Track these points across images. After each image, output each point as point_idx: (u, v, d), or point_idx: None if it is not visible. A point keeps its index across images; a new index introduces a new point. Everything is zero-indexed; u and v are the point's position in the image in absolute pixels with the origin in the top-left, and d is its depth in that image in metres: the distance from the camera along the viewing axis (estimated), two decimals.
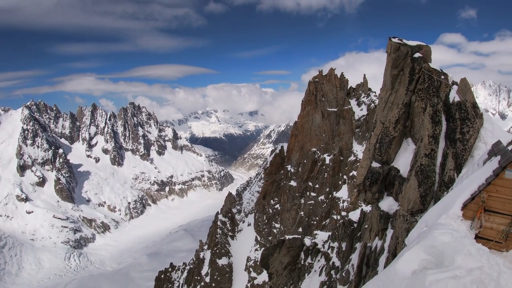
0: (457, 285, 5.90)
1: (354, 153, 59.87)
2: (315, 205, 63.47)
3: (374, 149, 15.11)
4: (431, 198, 11.71)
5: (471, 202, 8.20)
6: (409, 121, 14.41)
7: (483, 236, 8.11)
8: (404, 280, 6.81)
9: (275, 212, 72.55)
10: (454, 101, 12.55)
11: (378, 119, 15.54)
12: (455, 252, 6.98)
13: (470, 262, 6.69)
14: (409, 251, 7.49)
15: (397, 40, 15.56)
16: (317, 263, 29.62)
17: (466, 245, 7.21)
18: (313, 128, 66.71)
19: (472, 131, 11.52)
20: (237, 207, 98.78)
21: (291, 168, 70.67)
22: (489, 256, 7.18)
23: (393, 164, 14.63)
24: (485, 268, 6.58)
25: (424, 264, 6.97)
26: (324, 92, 66.31)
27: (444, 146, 11.97)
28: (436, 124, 12.31)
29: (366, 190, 15.58)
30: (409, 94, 14.49)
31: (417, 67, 14.45)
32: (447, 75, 13.99)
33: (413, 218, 11.92)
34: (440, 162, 11.92)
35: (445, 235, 7.59)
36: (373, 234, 17.21)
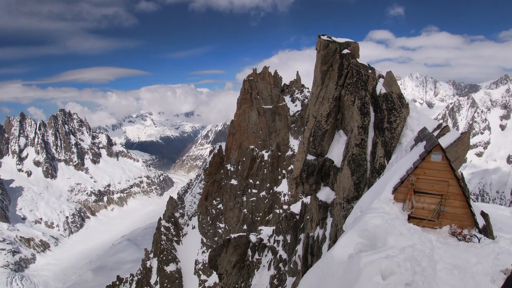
0: (391, 264, 6.17)
1: (291, 148, 61.49)
2: (257, 202, 64.19)
3: (308, 142, 15.60)
4: (365, 185, 12.35)
5: (401, 185, 8.68)
6: (340, 114, 15.08)
7: (416, 216, 8.62)
8: (341, 264, 6.93)
9: (219, 212, 72.24)
10: (381, 93, 13.31)
11: (311, 113, 16.06)
12: (387, 233, 7.30)
13: (402, 241, 7.04)
14: (343, 236, 7.71)
15: (326, 37, 16.15)
16: (265, 258, 29.86)
17: (397, 226, 7.60)
18: (250, 125, 67.38)
19: (399, 120, 12.32)
20: (180, 211, 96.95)
21: (230, 167, 70.77)
22: (420, 234, 7.64)
23: (327, 155, 15.23)
24: (417, 245, 6.95)
25: (359, 248, 7.21)
26: (259, 90, 67.27)
27: (374, 136, 12.67)
28: (364, 115, 13.00)
29: (304, 183, 16.05)
30: (338, 88, 15.13)
31: (345, 62, 15.12)
32: (374, 69, 14.81)
33: (349, 205, 12.48)
34: (370, 151, 12.61)
35: (377, 218, 7.94)
36: (314, 224, 17.74)
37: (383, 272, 6.13)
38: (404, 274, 6.08)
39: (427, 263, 6.40)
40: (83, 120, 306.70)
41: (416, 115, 12.41)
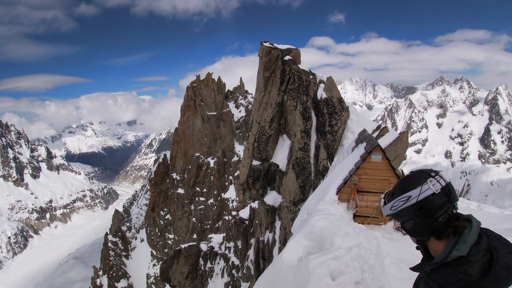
0: (339, 264, 6.29)
1: (236, 154, 61.49)
2: (205, 209, 63.36)
3: (253, 148, 15.66)
4: (310, 187, 12.62)
5: (344, 186, 8.97)
6: (283, 119, 15.33)
7: (361, 214, 8.93)
8: (291, 268, 6.96)
9: (167, 222, 70.27)
10: (322, 98, 13.72)
11: (254, 119, 16.16)
12: (333, 234, 7.46)
13: (348, 241, 7.22)
14: (291, 240, 7.79)
15: (268, 44, 16.38)
16: (218, 266, 29.56)
17: (343, 226, 7.79)
18: (195, 133, 66.54)
19: (339, 123, 12.76)
20: (126, 224, 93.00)
21: (176, 176, 69.25)
22: (366, 232, 7.89)
23: (272, 160, 15.40)
24: (363, 244, 7.15)
25: (307, 250, 7.30)
26: (202, 96, 66.67)
27: (316, 139, 13.01)
28: (306, 119, 13.32)
29: (251, 188, 16.08)
30: (281, 94, 15.38)
31: (287, 68, 15.42)
32: (315, 75, 15.26)
33: (296, 208, 12.69)
34: (313, 154, 12.93)
35: (322, 220, 8.09)
36: (264, 228, 17.81)
37: (332, 273, 6.20)
38: (353, 273, 6.18)
39: (375, 260, 6.58)
40: (21, 132, 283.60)
41: (356, 118, 12.94)
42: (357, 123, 12.66)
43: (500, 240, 1.90)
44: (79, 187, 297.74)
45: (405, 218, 2.07)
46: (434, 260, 1.92)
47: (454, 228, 1.93)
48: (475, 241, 1.86)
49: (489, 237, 1.90)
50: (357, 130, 11.72)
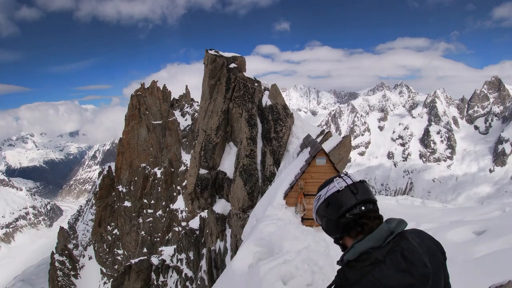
0: (289, 268, 6.40)
1: (183, 163, 60.57)
2: (154, 222, 61.63)
3: (199, 156, 15.56)
4: (258, 193, 12.76)
5: (291, 190, 9.17)
6: (229, 126, 15.39)
7: (309, 217, 9.17)
8: (242, 276, 6.96)
9: (115, 238, 67.36)
10: (267, 105, 13.97)
11: (200, 127, 16.08)
12: (282, 239, 7.56)
13: (297, 244, 7.35)
14: (241, 248, 7.82)
15: (214, 52, 16.40)
16: (171, 279, 28.88)
17: (291, 230, 7.94)
18: (140, 143, 64.70)
19: (285, 129, 13.05)
20: (73, 241, 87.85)
21: (122, 188, 66.78)
22: (314, 234, 8.09)
23: (219, 168, 15.39)
24: (312, 246, 7.31)
25: (258, 256, 7.34)
26: (147, 105, 65.05)
27: (262, 145, 13.21)
28: (252, 126, 13.49)
29: (199, 197, 15.93)
30: (226, 101, 15.44)
31: (232, 76, 15.53)
32: (260, 82, 15.51)
33: (245, 215, 12.75)
34: (260, 160, 13.10)
35: (270, 225, 8.20)
36: (214, 237, 17.69)
37: (283, 278, 6.26)
38: (303, 276, 6.28)
39: (324, 261, 6.66)
40: None
41: (300, 124, 13.32)
42: (301, 129, 13.04)
43: (409, 254, 1.83)
44: (21, 204, 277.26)
45: (320, 217, 2.15)
46: (339, 258, 1.99)
47: (362, 226, 1.97)
48: (379, 245, 1.85)
49: (402, 248, 1.84)
50: (302, 136, 12.08)
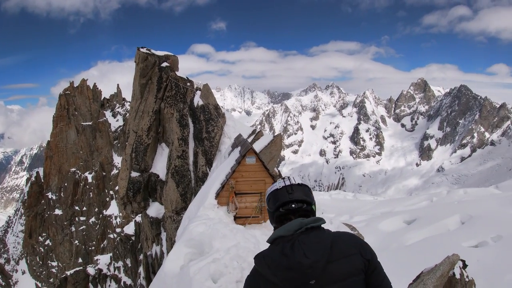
0: (218, 266, 6.63)
1: (116, 166, 58.41)
2: (88, 230, 58.91)
3: (131, 159, 15.28)
4: (191, 195, 12.85)
5: (222, 190, 9.40)
6: (161, 127, 15.26)
7: (242, 216, 9.47)
8: (174, 277, 7.10)
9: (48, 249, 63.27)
10: (198, 105, 14.06)
11: (131, 128, 15.78)
12: (211, 238, 7.78)
13: (227, 243, 7.61)
14: (172, 249, 7.95)
15: (145, 50, 16.12)
16: None
17: (220, 229, 8.18)
18: (69, 146, 61.39)
19: (216, 129, 13.25)
20: (4, 255, 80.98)
21: (52, 195, 62.96)
22: (244, 232, 8.40)
23: (152, 170, 15.21)
24: (241, 243, 7.61)
25: (189, 257, 7.50)
26: (77, 105, 61.87)
27: (194, 146, 13.31)
28: (184, 127, 13.53)
29: (132, 201, 15.63)
30: (158, 101, 15.28)
31: (164, 75, 15.38)
32: (192, 82, 15.53)
33: (179, 217, 12.78)
34: (192, 161, 13.19)
35: (200, 225, 8.37)
36: (150, 242, 17.45)
37: (212, 276, 6.49)
38: (232, 273, 6.55)
39: (253, 257, 7.07)
40: None
41: (232, 124, 13.62)
42: (233, 129, 13.35)
43: (297, 244, 2.18)
44: None
45: (267, 209, 2.64)
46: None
47: (288, 220, 2.39)
48: (288, 234, 2.27)
49: (298, 240, 2.20)
50: (234, 135, 12.40)
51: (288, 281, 2.15)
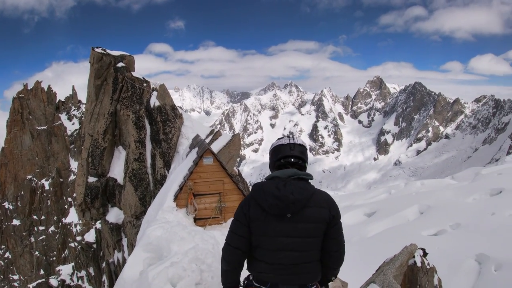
0: (177, 270, 6.62)
1: (73, 172, 56.71)
2: (48, 240, 56.94)
3: (87, 163, 14.94)
4: (150, 198, 12.73)
5: (181, 192, 9.39)
6: (117, 129, 14.99)
7: (202, 217, 9.48)
8: (133, 284, 7.05)
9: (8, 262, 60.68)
10: (155, 106, 13.93)
11: (86, 132, 15.43)
12: (169, 241, 7.77)
13: (185, 245, 7.61)
14: (131, 255, 7.89)
15: (101, 50, 15.77)
16: None
17: (178, 232, 8.18)
18: (24, 152, 59.01)
19: (174, 130, 13.17)
20: None
21: (9, 205, 60.41)
22: (203, 233, 8.41)
23: (109, 174, 14.93)
24: (200, 245, 7.63)
25: (148, 262, 7.45)
26: (31, 108, 59.53)
27: (151, 148, 13.18)
28: (140, 129, 13.37)
29: (90, 208, 15.29)
30: (114, 103, 15.01)
31: (120, 76, 15.11)
32: (149, 82, 15.35)
33: (139, 221, 12.64)
34: (150, 163, 13.07)
35: (158, 229, 8.34)
36: (112, 249, 17.17)
37: (171, 280, 6.47)
38: (191, 276, 6.55)
39: (212, 258, 7.02)
40: None
41: (190, 124, 13.59)
42: (191, 129, 13.33)
43: (287, 184, 3.00)
44: None
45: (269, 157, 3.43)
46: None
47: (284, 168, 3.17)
48: (283, 177, 3.06)
49: (290, 181, 3.03)
50: (192, 136, 12.38)
51: (273, 208, 2.97)
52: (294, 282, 3.11)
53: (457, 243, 18.90)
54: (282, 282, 3.09)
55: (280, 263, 3.05)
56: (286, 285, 3.10)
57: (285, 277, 3.08)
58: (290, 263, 3.06)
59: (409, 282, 8.99)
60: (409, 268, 9.02)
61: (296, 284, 3.11)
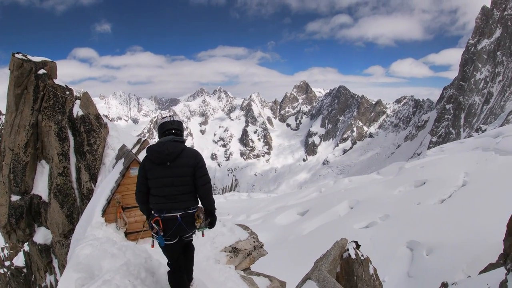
0: (110, 287, 6.55)
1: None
2: None
3: (9, 181, 14.12)
4: (77, 215, 12.27)
5: (109, 206, 9.16)
6: (40, 142, 14.28)
7: (133, 231, 9.28)
8: None
9: None
10: (78, 115, 13.41)
11: (7, 146, 14.57)
12: (100, 259, 7.58)
13: (116, 262, 7.46)
14: (61, 277, 7.63)
15: (21, 56, 14.95)
16: None
17: (108, 248, 8.00)
18: None
19: (99, 141, 12.77)
20: None
21: None
22: (134, 248, 8.25)
23: (33, 191, 14.17)
24: (132, 260, 7.54)
25: (80, 283, 7.19)
26: None
27: (76, 161, 12.71)
28: (63, 141, 12.84)
29: (15, 229, 14.47)
30: (35, 113, 14.29)
31: (41, 84, 14.40)
32: (72, 90, 14.74)
33: (68, 240, 12.15)
34: (75, 177, 12.60)
35: (86, 247, 8.12)
36: (43, 272, 16.39)
37: None
38: None
39: (145, 272, 6.98)
40: None
41: (116, 134, 13.26)
42: (117, 139, 13.04)
43: (165, 143, 4.87)
44: None
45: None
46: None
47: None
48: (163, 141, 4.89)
49: (168, 143, 4.89)
50: (118, 146, 12.10)
51: (157, 159, 4.77)
52: (179, 207, 4.84)
53: (388, 233, 20.15)
54: (172, 208, 4.82)
55: (167, 195, 4.79)
56: (175, 209, 4.82)
57: (172, 204, 4.82)
58: (173, 194, 4.79)
59: (346, 274, 9.44)
60: (345, 260, 9.47)
61: (180, 208, 4.85)
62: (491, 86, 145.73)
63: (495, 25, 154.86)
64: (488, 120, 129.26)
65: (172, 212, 4.83)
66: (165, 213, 4.85)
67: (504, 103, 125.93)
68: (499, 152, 31.35)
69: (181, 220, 4.87)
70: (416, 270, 16.29)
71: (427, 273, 15.55)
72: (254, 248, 8.33)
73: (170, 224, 4.88)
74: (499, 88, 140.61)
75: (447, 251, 16.45)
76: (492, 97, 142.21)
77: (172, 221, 4.86)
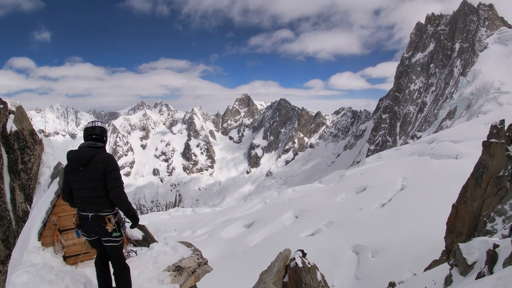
0: None
1: None
2: None
3: None
4: (14, 238, 11.80)
5: (45, 229, 8.83)
6: None
7: (72, 254, 8.98)
8: None
9: None
10: (12, 131, 12.87)
11: None
12: (37, 287, 7.47)
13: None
14: None
15: None
16: None
17: (45, 275, 7.77)
18: None
19: (33, 159, 12.30)
20: None
21: None
22: (72, 273, 8.03)
23: None
24: (70, 286, 7.41)
25: None
26: None
27: (10, 180, 12.20)
28: None
29: None
30: None
31: None
32: (6, 104, 14.05)
33: (6, 267, 11.68)
34: (10, 198, 12.11)
35: (23, 274, 7.85)
36: None
37: None
38: None
39: None
40: None
41: (51, 151, 12.82)
42: (53, 157, 12.63)
43: (76, 151, 5.49)
44: None
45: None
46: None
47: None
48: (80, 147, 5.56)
49: (79, 152, 5.45)
50: (53, 164, 11.73)
51: (71, 164, 5.38)
52: (91, 208, 5.44)
53: (334, 239, 20.94)
54: (85, 208, 5.48)
55: (81, 196, 5.43)
56: (88, 210, 5.46)
57: (86, 206, 5.45)
58: (86, 197, 5.40)
59: (295, 283, 9.67)
60: (292, 270, 9.71)
61: (92, 210, 5.44)
62: (425, 96, 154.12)
63: (428, 40, 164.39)
64: (423, 127, 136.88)
65: (86, 212, 5.53)
66: (80, 211, 5.61)
67: (437, 111, 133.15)
68: (434, 156, 33.81)
69: (91, 221, 5.53)
70: (364, 272, 17.01)
71: (374, 275, 16.29)
72: (199, 265, 8.34)
73: (83, 222, 5.65)
74: (432, 98, 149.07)
75: (392, 252, 17.35)
76: (426, 106, 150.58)
77: (84, 220, 5.59)
